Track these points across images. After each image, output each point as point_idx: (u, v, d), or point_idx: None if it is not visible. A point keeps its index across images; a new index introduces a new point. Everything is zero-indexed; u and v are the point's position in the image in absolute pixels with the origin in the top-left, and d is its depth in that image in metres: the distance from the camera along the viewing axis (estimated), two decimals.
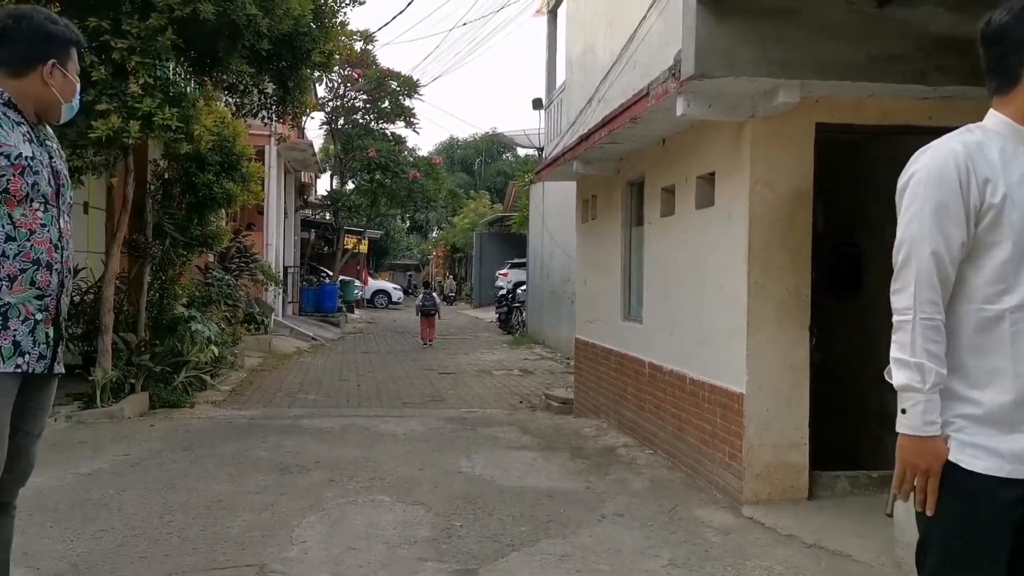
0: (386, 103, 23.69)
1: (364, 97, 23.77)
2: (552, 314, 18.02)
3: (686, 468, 6.06)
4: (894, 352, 1.97)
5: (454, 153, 46.43)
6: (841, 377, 6.28)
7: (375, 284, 38.81)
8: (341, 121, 24.03)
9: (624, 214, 7.90)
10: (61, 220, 2.72)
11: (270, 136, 17.37)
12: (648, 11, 8.72)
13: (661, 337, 6.68)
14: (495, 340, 20.72)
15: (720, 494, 5.46)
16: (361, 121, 24.02)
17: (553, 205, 17.60)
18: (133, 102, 6.99)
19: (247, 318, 15.58)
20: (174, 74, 7.78)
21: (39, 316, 2.65)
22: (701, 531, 4.76)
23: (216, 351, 10.71)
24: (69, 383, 8.20)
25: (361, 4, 8.60)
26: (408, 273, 52.98)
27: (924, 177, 1.98)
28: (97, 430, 7.38)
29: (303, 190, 24.97)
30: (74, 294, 8.29)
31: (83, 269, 9.42)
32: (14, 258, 2.59)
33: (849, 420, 6.39)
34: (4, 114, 2.61)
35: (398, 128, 24.35)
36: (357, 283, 31.45)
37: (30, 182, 2.60)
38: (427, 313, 18.83)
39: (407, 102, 23.47)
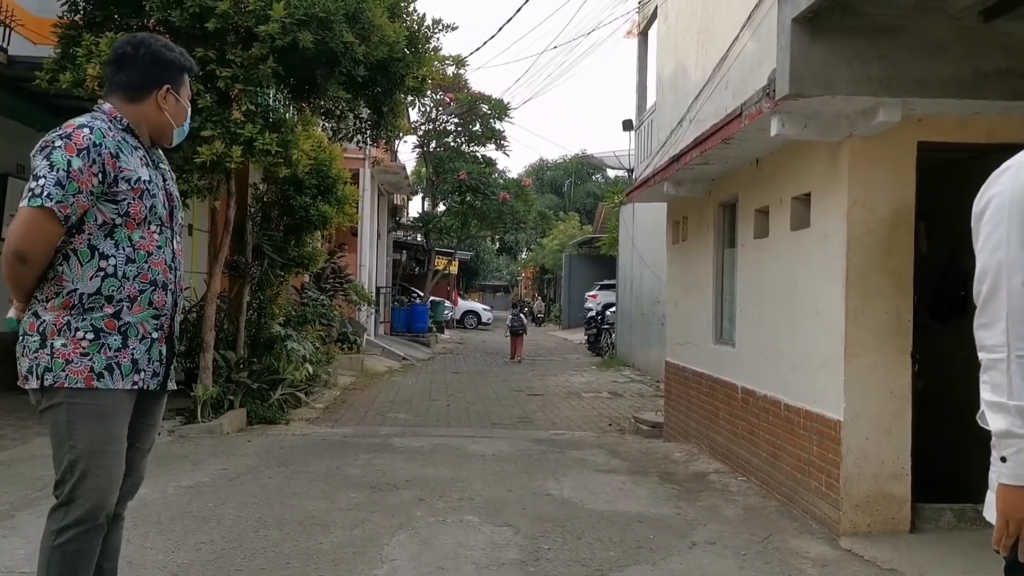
0: (477, 126, 24.01)
1: (456, 120, 24.16)
2: (641, 336, 17.85)
3: (780, 496, 5.88)
4: (987, 395, 1.80)
5: (543, 175, 46.66)
6: (947, 405, 6.01)
7: (465, 305, 39.21)
8: (433, 144, 24.47)
9: (716, 235, 7.78)
10: (174, 241, 2.84)
11: (364, 160, 17.82)
12: (741, 31, 8.61)
13: (754, 361, 6.53)
14: (584, 362, 20.63)
15: (816, 524, 5.28)
16: (452, 144, 24.42)
17: (643, 226, 17.47)
18: (236, 128, 7.27)
19: (340, 337, 15.96)
20: (274, 101, 8.07)
21: (155, 335, 2.76)
22: (796, 562, 4.60)
23: (311, 369, 11.00)
24: (172, 398, 8.48)
25: (454, 30, 8.75)
26: (501, 295, 53.30)
27: (1007, 200, 1.83)
28: (198, 444, 7.64)
29: (395, 212, 25.49)
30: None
31: (187, 288, 9.80)
32: (134, 279, 2.70)
33: (955, 450, 6.09)
34: (124, 139, 2.73)
35: (489, 150, 24.66)
36: (447, 303, 31.85)
37: (148, 205, 2.72)
38: (515, 332, 20.70)
39: (498, 125, 23.74)
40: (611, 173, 43.26)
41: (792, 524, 5.38)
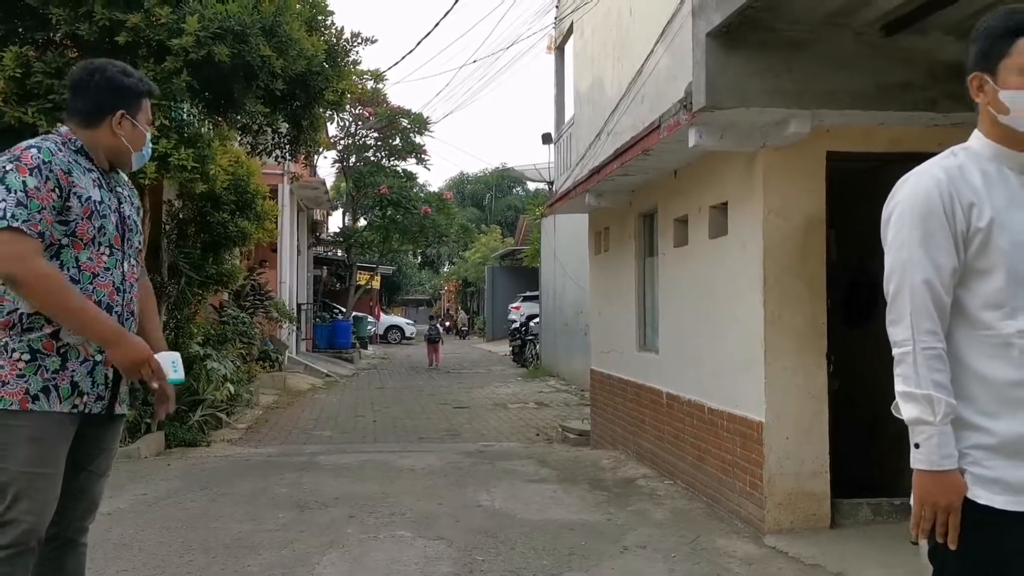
0: (397, 140, 23.91)
1: (375, 135, 24.01)
2: (565, 346, 18.01)
3: (707, 498, 6.02)
4: (899, 386, 1.91)
5: (464, 188, 46.76)
6: (859, 404, 6.25)
7: (388, 319, 38.88)
8: (352, 159, 24.25)
9: (637, 245, 7.93)
10: (125, 264, 2.78)
11: (283, 175, 17.54)
12: (655, 46, 8.83)
13: (678, 367, 6.67)
14: (509, 373, 20.68)
15: (742, 523, 5.42)
16: (372, 158, 24.25)
17: (565, 238, 17.66)
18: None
19: (262, 356, 15.63)
20: (188, 115, 7.90)
21: (98, 357, 2.68)
22: (724, 561, 4.72)
23: (232, 389, 10.74)
24: None
25: (373, 43, 8.72)
26: (424, 309, 53.13)
27: (909, 207, 1.95)
28: (115, 469, 7.35)
29: (315, 227, 25.14)
30: None
31: None
32: None
33: (868, 448, 6.33)
34: (76, 160, 2.69)
35: (409, 164, 24.57)
36: (370, 319, 31.52)
37: (96, 226, 2.67)
38: (432, 340, 22.85)
39: (418, 139, 23.70)
40: (531, 186, 43.66)
41: (719, 524, 5.50)
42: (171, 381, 2.74)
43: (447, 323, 39.76)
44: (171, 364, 2.75)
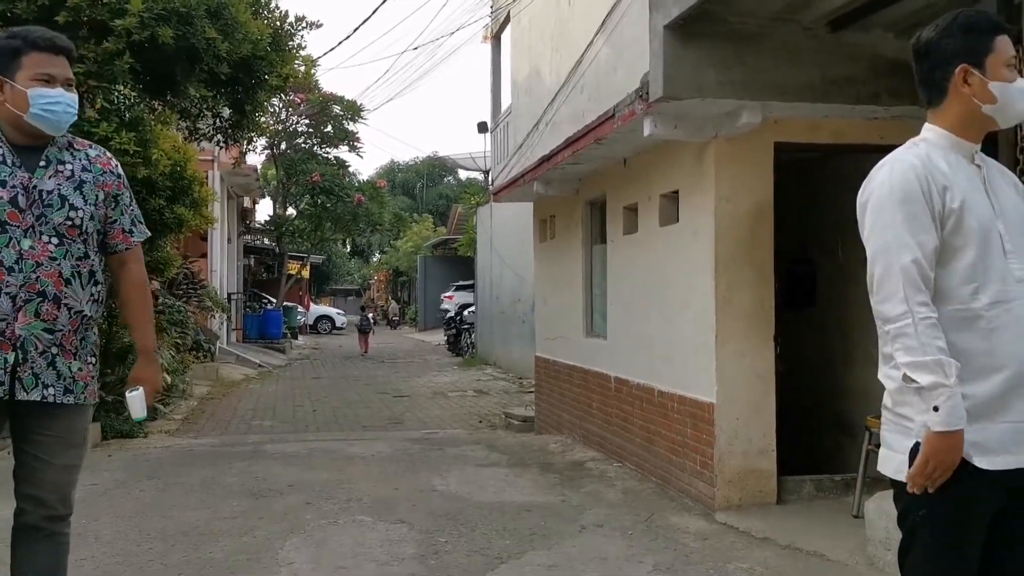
0: (329, 127, 23.61)
1: (306, 121, 23.66)
2: (502, 335, 18.11)
3: (656, 478, 6.19)
4: (903, 358, 2.00)
5: (395, 176, 46.38)
6: (799, 387, 6.51)
7: (318, 309, 38.40)
8: (283, 146, 23.86)
9: (585, 233, 8.06)
10: (26, 241, 2.65)
11: (213, 161, 17.17)
12: (594, 37, 8.95)
13: (627, 352, 6.83)
14: (445, 362, 20.71)
15: (692, 502, 5.60)
16: (304, 146, 23.90)
17: (502, 227, 17.74)
18: (90, 127, 6.90)
19: (194, 346, 15.31)
20: (125, 98, 7.72)
21: None
22: (679, 537, 4.88)
23: (168, 379, 10.52)
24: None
25: (318, 27, 8.61)
26: (353, 299, 52.62)
27: (888, 191, 2.07)
28: None
29: (245, 216, 24.67)
30: None
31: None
32: None
33: (808, 427, 6.61)
34: None
35: (341, 152, 24.29)
36: (300, 309, 31.11)
37: None
38: (363, 330, 24.04)
39: (351, 126, 23.44)
40: (463, 175, 43.60)
41: (670, 503, 5.68)
42: (137, 420, 2.72)
43: (375, 313, 39.81)
44: (138, 403, 2.80)
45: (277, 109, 22.71)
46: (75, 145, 2.83)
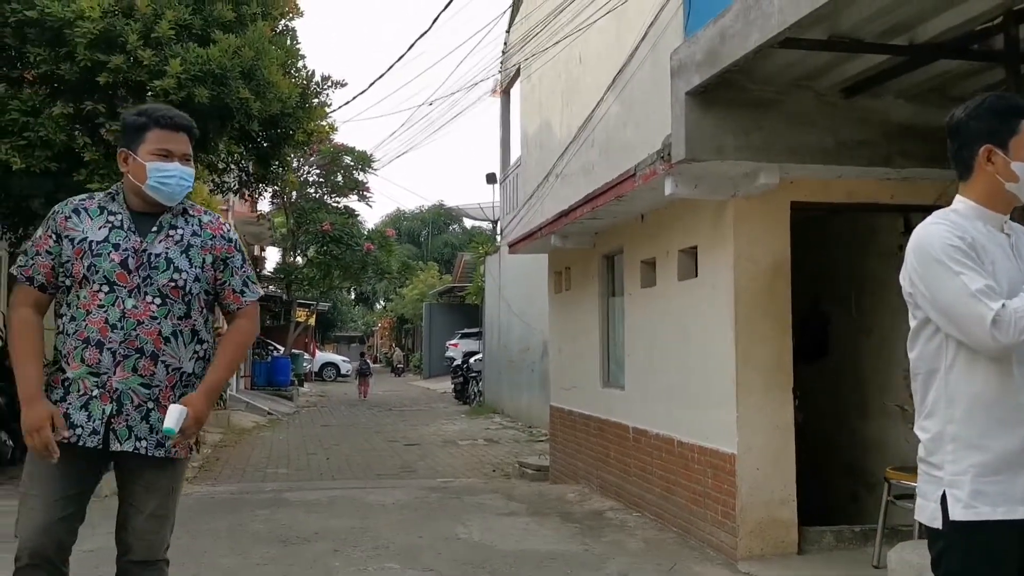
0: (339, 177, 23.99)
1: (317, 171, 24.06)
2: (510, 383, 18.22)
3: (677, 528, 6.30)
4: None
5: (401, 224, 46.81)
6: (814, 437, 6.64)
7: (323, 356, 38.47)
8: (294, 195, 24.21)
9: (601, 285, 8.26)
10: (130, 300, 2.81)
11: (228, 211, 17.49)
12: (605, 93, 9.27)
13: (646, 402, 6.98)
14: (452, 411, 20.78)
15: (713, 551, 5.71)
16: (315, 195, 24.26)
17: (511, 276, 17.96)
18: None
19: None
20: None
21: (95, 392, 2.80)
22: None
23: (204, 437, 10.66)
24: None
25: (343, 87, 8.95)
26: (356, 346, 52.72)
27: (941, 245, 2.21)
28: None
29: (256, 264, 24.93)
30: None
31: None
32: (72, 336, 2.82)
33: (823, 477, 6.73)
34: (86, 208, 2.89)
35: (351, 201, 24.65)
36: (306, 356, 31.22)
37: (87, 264, 2.80)
38: (363, 374, 25.92)
39: (361, 176, 23.82)
40: (467, 223, 43.99)
41: (692, 553, 5.79)
42: (165, 431, 2.78)
43: (379, 359, 40.36)
44: (174, 416, 2.80)
45: (289, 159, 23.13)
46: (190, 212, 3.00)
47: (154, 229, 2.91)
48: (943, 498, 2.21)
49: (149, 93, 7.08)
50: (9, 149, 6.90)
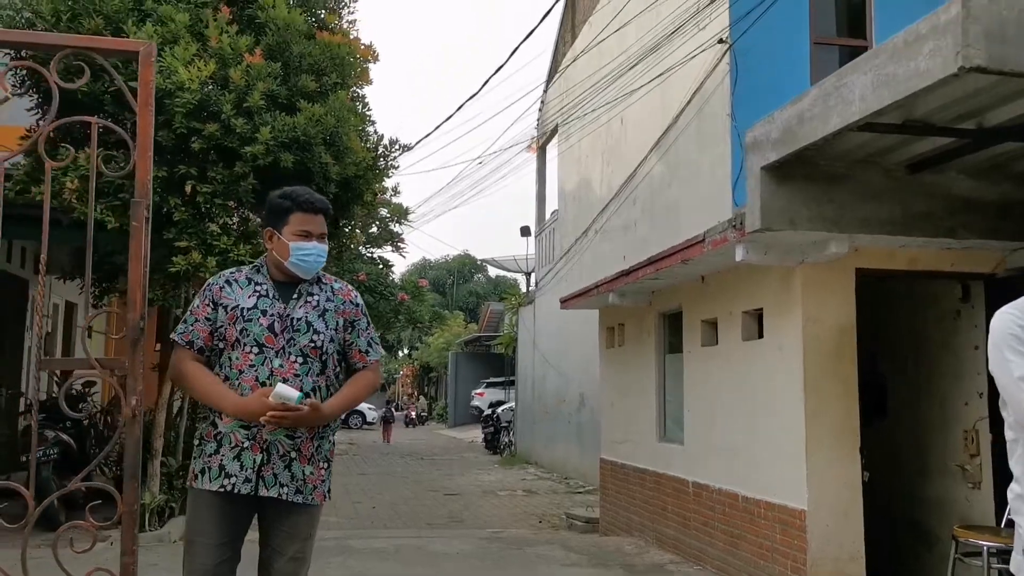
0: (374, 228, 24.49)
1: (354, 223, 24.57)
2: (545, 434, 18.39)
3: None
4: None
5: (427, 273, 47.42)
6: (876, 495, 6.85)
7: None
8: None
9: (658, 342, 8.56)
10: (278, 360, 3.17)
11: None
12: (648, 154, 9.66)
13: (706, 457, 7.22)
14: (484, 461, 20.94)
15: None
16: (350, 246, 24.75)
17: (545, 328, 18.26)
18: (212, 240, 7.56)
19: None
20: (245, 215, 8.42)
21: (246, 443, 3.14)
22: None
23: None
24: (104, 508, 8.36)
25: (409, 150, 9.38)
26: (380, 394, 52.90)
27: (1002, 333, 2.44)
28: (156, 553, 7.55)
29: None
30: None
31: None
32: None
33: (887, 535, 6.92)
34: (250, 277, 3.29)
35: (385, 251, 25.12)
36: None
37: (239, 329, 3.17)
38: (387, 421, 28.62)
39: (396, 227, 24.32)
40: (491, 272, 44.44)
41: None
42: (296, 400, 3.07)
43: (405, 409, 40.88)
44: (292, 394, 3.10)
45: (358, 219, 23.68)
46: (323, 280, 3.40)
47: (294, 296, 3.30)
48: None
49: (240, 160, 7.52)
50: (104, 209, 7.32)
